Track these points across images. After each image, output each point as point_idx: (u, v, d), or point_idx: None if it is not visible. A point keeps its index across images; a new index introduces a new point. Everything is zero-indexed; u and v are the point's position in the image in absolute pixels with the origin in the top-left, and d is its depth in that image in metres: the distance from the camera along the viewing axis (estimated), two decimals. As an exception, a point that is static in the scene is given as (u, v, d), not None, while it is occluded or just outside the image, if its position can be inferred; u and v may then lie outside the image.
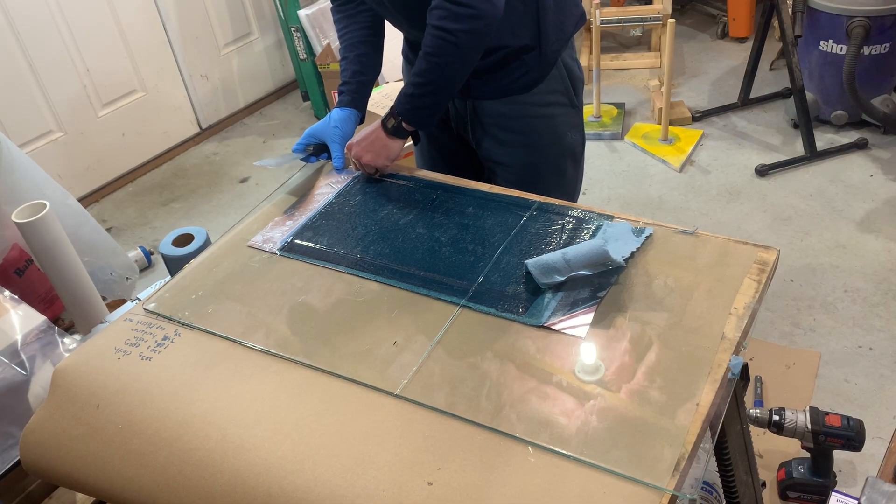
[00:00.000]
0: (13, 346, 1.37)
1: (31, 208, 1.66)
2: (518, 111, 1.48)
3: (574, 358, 1.02)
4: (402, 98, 1.34)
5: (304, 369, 1.05)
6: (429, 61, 1.29)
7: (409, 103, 1.34)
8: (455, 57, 1.29)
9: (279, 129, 3.57)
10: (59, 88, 2.91)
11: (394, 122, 1.36)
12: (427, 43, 1.28)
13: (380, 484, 0.88)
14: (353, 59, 1.51)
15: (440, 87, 1.33)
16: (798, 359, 2.04)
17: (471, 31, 1.26)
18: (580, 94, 1.55)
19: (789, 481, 1.67)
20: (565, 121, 1.53)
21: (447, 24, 1.25)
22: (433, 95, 1.34)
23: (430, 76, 1.31)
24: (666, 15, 3.35)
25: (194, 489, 0.94)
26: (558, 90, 1.49)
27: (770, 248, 1.15)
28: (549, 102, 1.49)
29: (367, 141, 1.40)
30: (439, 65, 1.29)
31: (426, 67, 1.30)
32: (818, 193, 2.68)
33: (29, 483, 1.28)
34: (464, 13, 1.24)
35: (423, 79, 1.31)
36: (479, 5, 1.24)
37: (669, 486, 0.83)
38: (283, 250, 1.28)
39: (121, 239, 2.90)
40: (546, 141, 1.51)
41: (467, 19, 1.24)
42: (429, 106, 1.35)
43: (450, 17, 1.25)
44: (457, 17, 1.24)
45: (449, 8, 1.24)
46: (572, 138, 1.56)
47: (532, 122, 1.50)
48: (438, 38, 1.27)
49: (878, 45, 2.74)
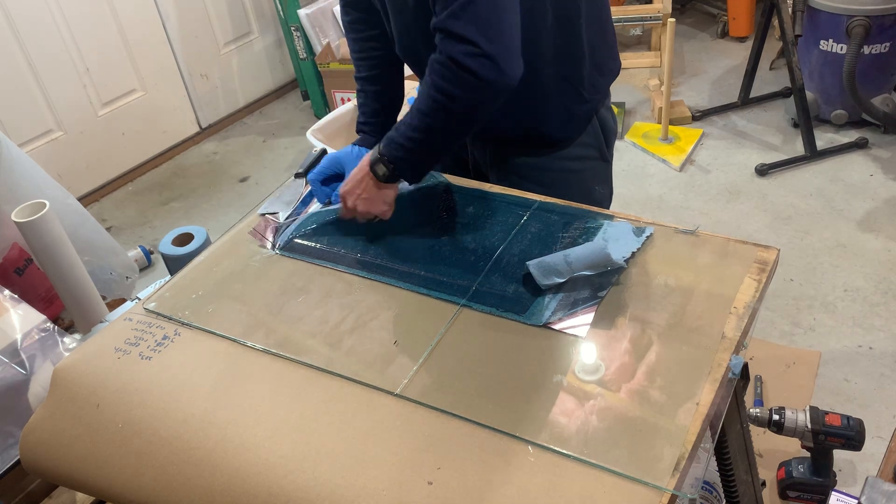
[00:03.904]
0: (13, 346, 1.36)
1: (30, 208, 1.66)
2: (544, 164, 1.38)
3: (574, 358, 1.02)
4: (392, 146, 1.17)
5: (304, 369, 1.05)
6: (422, 120, 1.12)
7: (401, 154, 1.17)
8: (449, 124, 1.12)
9: (279, 128, 3.57)
10: (59, 88, 2.91)
11: (385, 170, 1.19)
12: (421, 100, 1.11)
13: (380, 483, 0.88)
14: (373, 96, 1.37)
15: (434, 147, 1.17)
16: (798, 358, 2.04)
17: (472, 102, 1.07)
18: (612, 146, 1.42)
19: (789, 481, 1.67)
20: (594, 175, 1.43)
21: (446, 87, 1.07)
22: (427, 155, 1.19)
23: (424, 135, 1.14)
24: (666, 14, 3.35)
25: (194, 488, 0.94)
26: (590, 144, 1.38)
27: (770, 247, 1.15)
28: (579, 156, 1.38)
29: (359, 191, 1.23)
30: (432, 128, 1.13)
31: (419, 125, 1.13)
32: (818, 193, 2.68)
33: (29, 483, 1.28)
34: (468, 81, 1.04)
35: (418, 135, 1.14)
36: (488, 76, 1.03)
37: (669, 486, 0.83)
38: (283, 250, 1.28)
39: (121, 238, 2.90)
40: (572, 196, 1.33)
41: (470, 88, 1.05)
42: (422, 163, 1.20)
43: (451, 80, 1.06)
44: (459, 83, 1.05)
45: (452, 69, 1.05)
46: (600, 193, 1.45)
47: (559, 177, 1.39)
48: (433, 100, 1.09)
49: (878, 45, 2.74)
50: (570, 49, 1.26)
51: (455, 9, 1.00)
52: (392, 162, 1.18)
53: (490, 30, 1.01)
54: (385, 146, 1.18)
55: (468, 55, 1.02)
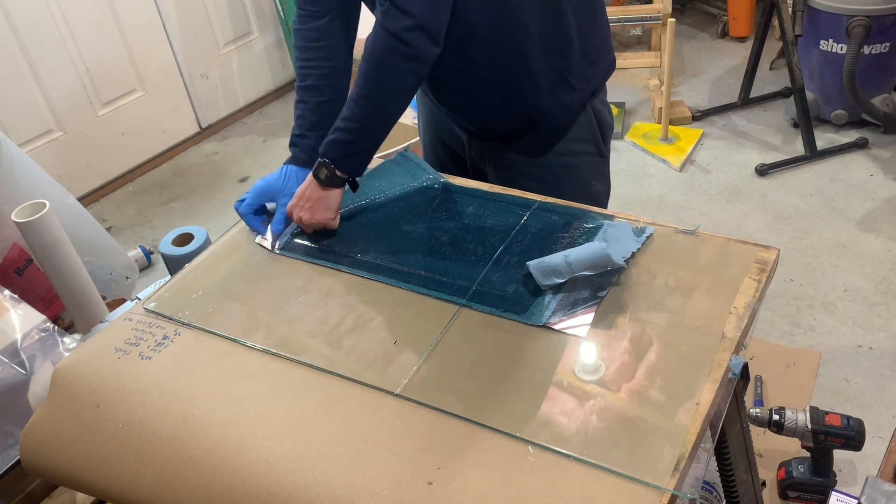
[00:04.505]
0: (13, 346, 1.36)
1: (30, 208, 1.66)
2: (541, 160, 1.39)
3: (574, 358, 1.02)
4: (332, 145, 1.22)
5: (304, 369, 1.05)
6: (360, 104, 1.18)
7: (341, 150, 1.22)
8: (393, 98, 1.18)
9: (279, 128, 3.57)
10: (59, 87, 2.91)
11: (326, 171, 1.22)
12: (358, 81, 1.17)
13: (380, 483, 0.88)
14: (316, 108, 1.33)
15: (377, 129, 1.22)
16: (798, 358, 2.04)
17: (409, 74, 1.16)
18: (608, 141, 1.44)
19: (789, 481, 1.67)
20: (591, 171, 1.43)
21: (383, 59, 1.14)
22: (369, 140, 1.23)
23: (366, 120, 1.19)
24: (666, 14, 3.35)
25: (194, 488, 0.94)
26: (585, 138, 1.39)
27: (770, 247, 1.15)
28: (575, 151, 1.40)
29: (303, 199, 1.26)
30: (372, 108, 1.18)
31: (360, 112, 1.19)
32: (818, 193, 2.68)
33: (29, 483, 1.28)
34: (406, 52, 1.13)
35: (357, 123, 1.19)
36: (423, 47, 1.13)
37: (669, 486, 0.83)
38: (283, 249, 1.28)
39: (121, 238, 2.90)
40: (569, 191, 1.36)
41: (407, 59, 1.13)
42: (364, 151, 1.24)
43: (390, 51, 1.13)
44: (401, 55, 1.13)
45: (388, 40, 1.12)
46: (597, 188, 1.46)
47: (556, 172, 1.40)
48: (370, 78, 1.16)
49: (878, 45, 2.74)
50: (557, 35, 1.27)
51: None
52: (333, 161, 1.22)
53: (431, 6, 1.11)
54: (323, 148, 1.22)
55: (407, 30, 1.11)
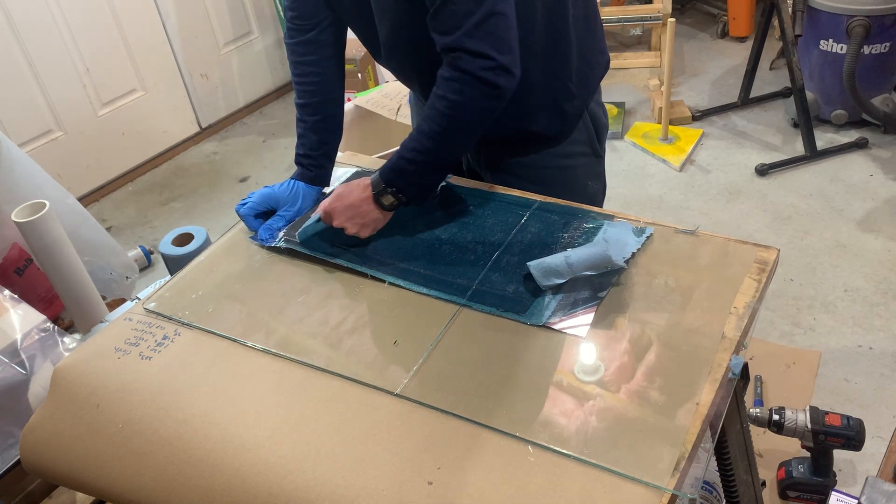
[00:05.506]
0: (13, 346, 1.36)
1: (30, 207, 1.66)
2: (538, 162, 1.39)
3: (574, 358, 1.02)
4: (399, 174, 1.20)
5: (304, 369, 1.05)
6: (435, 140, 1.16)
7: (410, 179, 1.20)
8: (469, 135, 1.19)
9: (279, 128, 3.57)
10: (59, 88, 2.91)
11: (392, 199, 1.21)
12: (433, 118, 1.14)
13: (380, 483, 0.88)
14: (314, 127, 1.35)
15: (450, 162, 1.23)
16: (798, 358, 2.04)
17: (485, 110, 1.14)
18: (604, 140, 1.44)
19: (789, 481, 1.67)
20: (587, 171, 1.44)
21: (459, 100, 1.12)
22: (440, 172, 1.24)
23: (432, 156, 1.18)
24: (666, 14, 3.35)
25: (194, 488, 0.94)
26: (581, 140, 1.39)
27: (770, 247, 1.15)
28: (571, 153, 1.39)
29: (354, 213, 1.23)
30: (441, 146, 1.17)
31: (433, 147, 1.17)
32: (818, 193, 2.68)
33: (29, 483, 1.28)
34: (486, 92, 1.11)
35: (429, 157, 1.18)
36: (504, 85, 1.11)
37: (669, 486, 0.83)
38: (283, 248, 1.28)
39: (121, 238, 2.90)
40: (565, 193, 1.36)
41: (487, 98, 1.12)
42: (435, 182, 1.26)
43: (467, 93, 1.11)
44: (478, 94, 1.11)
45: (469, 83, 1.10)
46: (593, 188, 1.46)
47: (553, 174, 1.40)
48: (444, 116, 1.13)
49: (878, 45, 2.74)
50: (557, 45, 1.27)
51: (469, 28, 1.07)
52: (401, 191, 1.20)
53: (502, 43, 1.10)
54: (389, 176, 1.20)
55: (486, 69, 1.10)
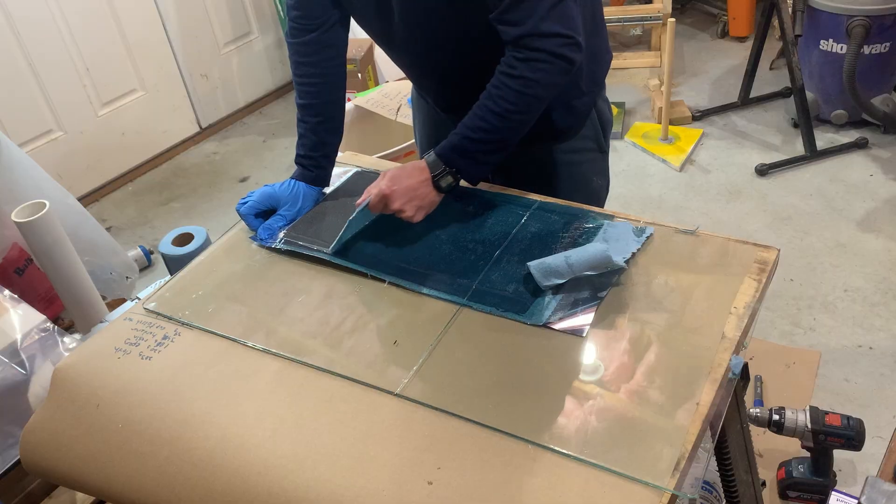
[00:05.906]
0: (13, 346, 1.37)
1: (30, 208, 1.66)
2: (545, 157, 1.40)
3: (574, 358, 1.02)
4: (460, 153, 1.22)
5: (304, 368, 1.05)
6: (507, 119, 1.18)
7: (473, 159, 1.23)
8: (536, 113, 1.20)
9: (279, 128, 3.57)
10: (59, 88, 2.91)
11: (451, 180, 1.23)
12: (505, 97, 1.17)
13: (380, 483, 0.88)
14: (315, 128, 1.36)
15: (511, 143, 1.23)
16: (798, 358, 2.04)
17: (556, 84, 1.18)
18: (608, 136, 1.46)
19: (789, 481, 1.67)
20: (592, 167, 1.45)
21: (540, 77, 1.15)
22: (502, 151, 1.24)
23: (507, 132, 1.20)
24: (666, 14, 3.35)
25: (194, 488, 0.94)
26: (589, 136, 1.41)
27: (770, 247, 1.15)
28: (577, 149, 1.41)
29: (413, 196, 1.23)
30: (522, 122, 1.20)
31: (502, 125, 1.18)
32: (818, 193, 2.68)
33: (29, 482, 1.28)
34: (562, 67, 1.16)
35: (495, 136, 1.20)
36: (577, 58, 1.16)
37: (669, 486, 0.83)
38: (282, 248, 1.28)
39: (121, 238, 2.90)
40: (570, 188, 1.39)
41: (562, 72, 1.16)
42: (496, 161, 1.26)
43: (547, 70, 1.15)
44: (556, 71, 1.15)
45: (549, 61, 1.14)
46: (598, 184, 1.48)
47: (559, 170, 1.41)
48: (520, 94, 1.16)
49: (878, 45, 2.74)
50: None
51: (542, 14, 1.14)
52: (459, 170, 1.23)
53: (572, 22, 1.16)
54: (450, 156, 1.22)
55: (563, 45, 1.16)
